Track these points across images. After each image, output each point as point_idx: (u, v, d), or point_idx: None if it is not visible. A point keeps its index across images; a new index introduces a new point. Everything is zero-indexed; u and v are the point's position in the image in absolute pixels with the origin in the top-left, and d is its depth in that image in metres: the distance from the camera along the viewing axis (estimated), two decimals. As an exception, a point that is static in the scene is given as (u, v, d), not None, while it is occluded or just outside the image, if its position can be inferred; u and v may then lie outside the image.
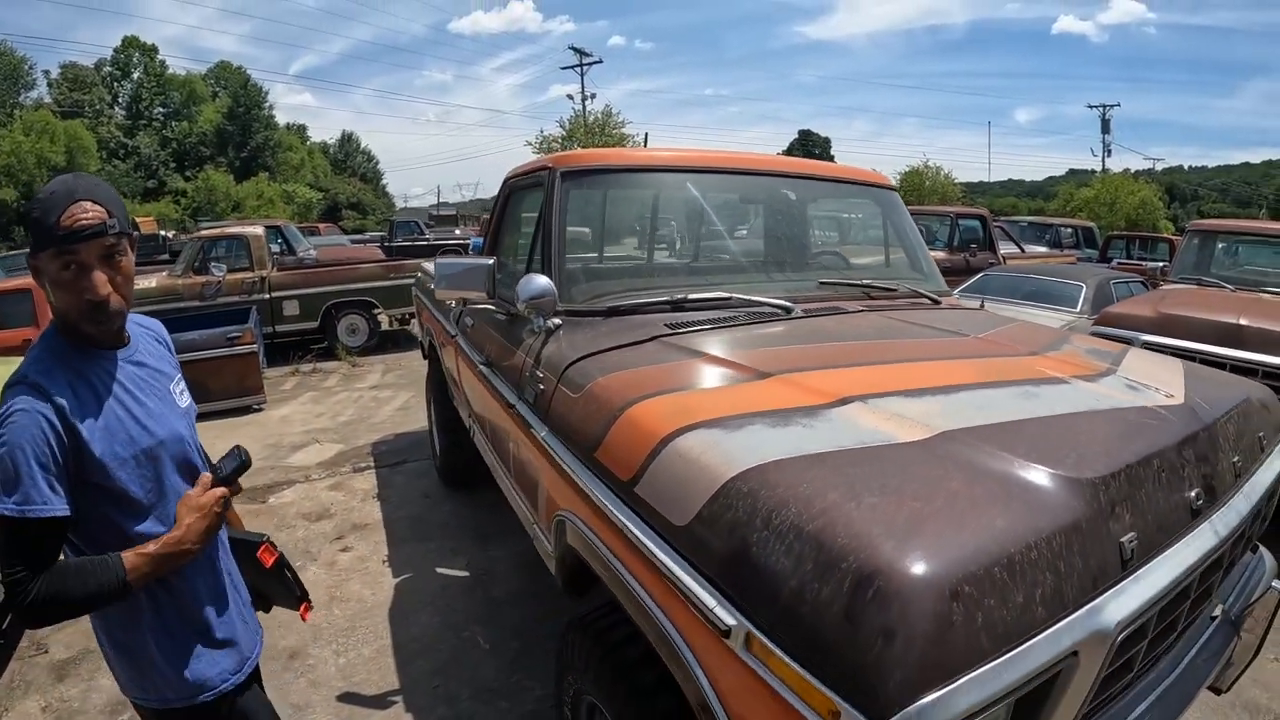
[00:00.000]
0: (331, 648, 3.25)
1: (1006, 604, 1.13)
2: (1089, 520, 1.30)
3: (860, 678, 1.04)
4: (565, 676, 2.05)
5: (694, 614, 1.34)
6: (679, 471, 1.49)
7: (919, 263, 3.34)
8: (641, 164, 2.96)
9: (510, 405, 2.49)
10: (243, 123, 52.12)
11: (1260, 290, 6.17)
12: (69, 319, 1.39)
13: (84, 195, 1.33)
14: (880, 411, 1.61)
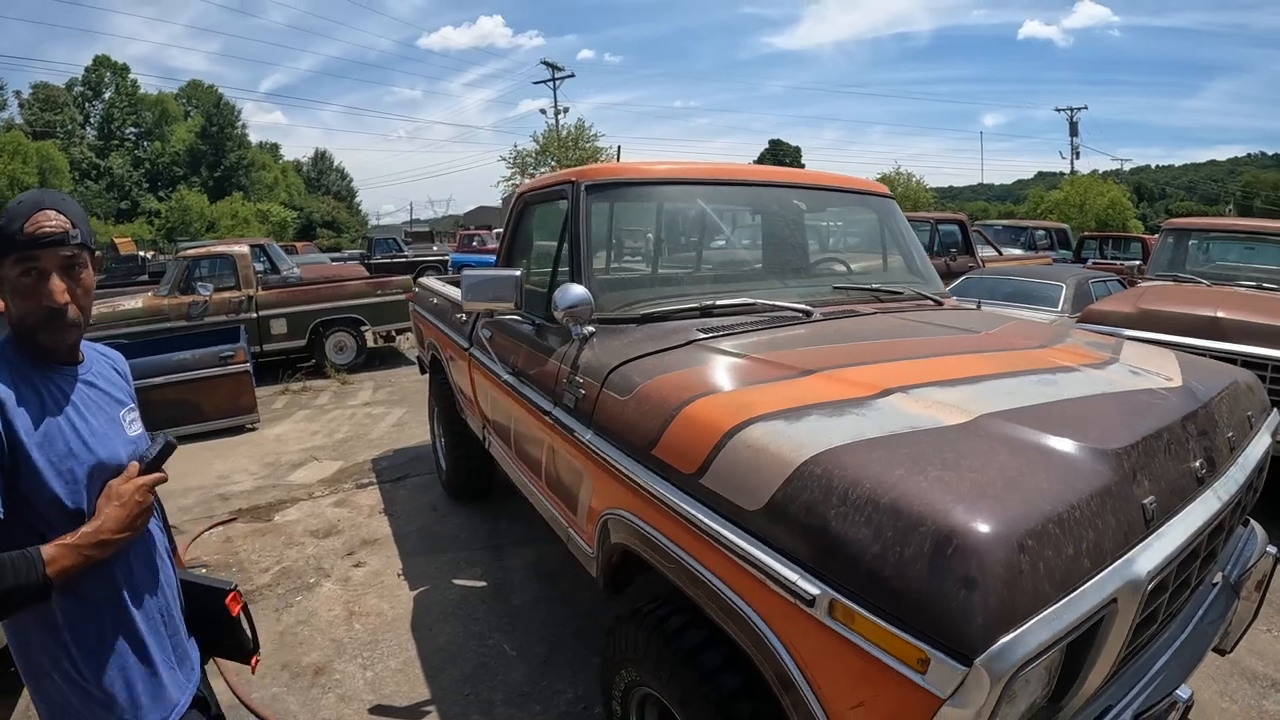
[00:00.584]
0: (357, 661, 3.32)
1: (1060, 555, 1.32)
2: (1117, 485, 1.50)
3: (947, 625, 1.21)
4: (616, 672, 2.18)
5: (770, 590, 1.50)
6: (747, 461, 1.64)
7: (918, 266, 3.53)
8: (662, 176, 3.13)
9: (545, 412, 2.63)
10: (216, 142, 52.80)
11: (1234, 284, 6.47)
12: (25, 327, 1.40)
13: (50, 206, 1.38)
14: (921, 400, 1.79)
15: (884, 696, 1.31)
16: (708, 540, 1.69)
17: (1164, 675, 1.78)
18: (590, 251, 2.75)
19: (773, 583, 1.48)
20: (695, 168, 3.12)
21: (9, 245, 1.35)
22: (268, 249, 10.75)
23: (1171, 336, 4.89)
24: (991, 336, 2.61)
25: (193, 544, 4.54)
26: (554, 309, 2.44)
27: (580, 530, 2.58)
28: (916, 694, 1.23)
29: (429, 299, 5.25)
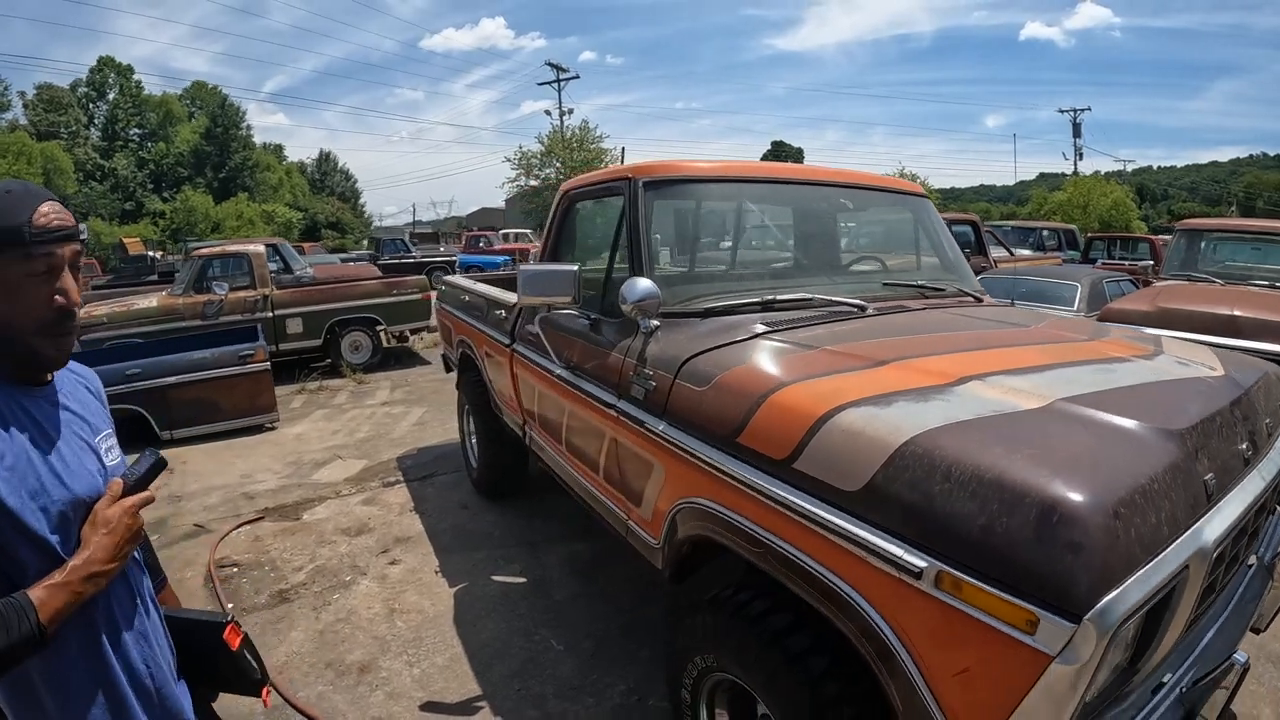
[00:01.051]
0: (402, 659, 3.40)
1: (1146, 523, 1.46)
2: (1183, 461, 1.65)
3: (1055, 587, 1.33)
4: (688, 660, 2.29)
5: (871, 567, 1.62)
6: (842, 445, 1.76)
7: (956, 264, 3.66)
8: (716, 174, 3.25)
9: (608, 405, 2.74)
10: (221, 143, 53.93)
11: (1246, 284, 6.63)
12: (17, 334, 1.25)
13: (46, 197, 1.27)
14: (997, 387, 1.92)
15: (991, 660, 1.43)
16: (802, 522, 1.80)
17: (1213, 647, 1.93)
18: (650, 247, 2.87)
19: (876, 559, 1.60)
20: (747, 166, 3.27)
21: (15, 239, 1.20)
22: (281, 249, 10.87)
23: (1190, 334, 5.04)
24: (1041, 330, 2.77)
25: (221, 543, 4.62)
26: (621, 302, 2.55)
27: (642, 522, 2.69)
28: (1024, 654, 1.35)
29: (459, 296, 5.37)
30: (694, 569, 2.58)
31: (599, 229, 3.81)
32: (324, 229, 53.76)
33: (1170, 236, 9.32)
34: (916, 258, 3.81)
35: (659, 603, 3.81)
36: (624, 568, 4.18)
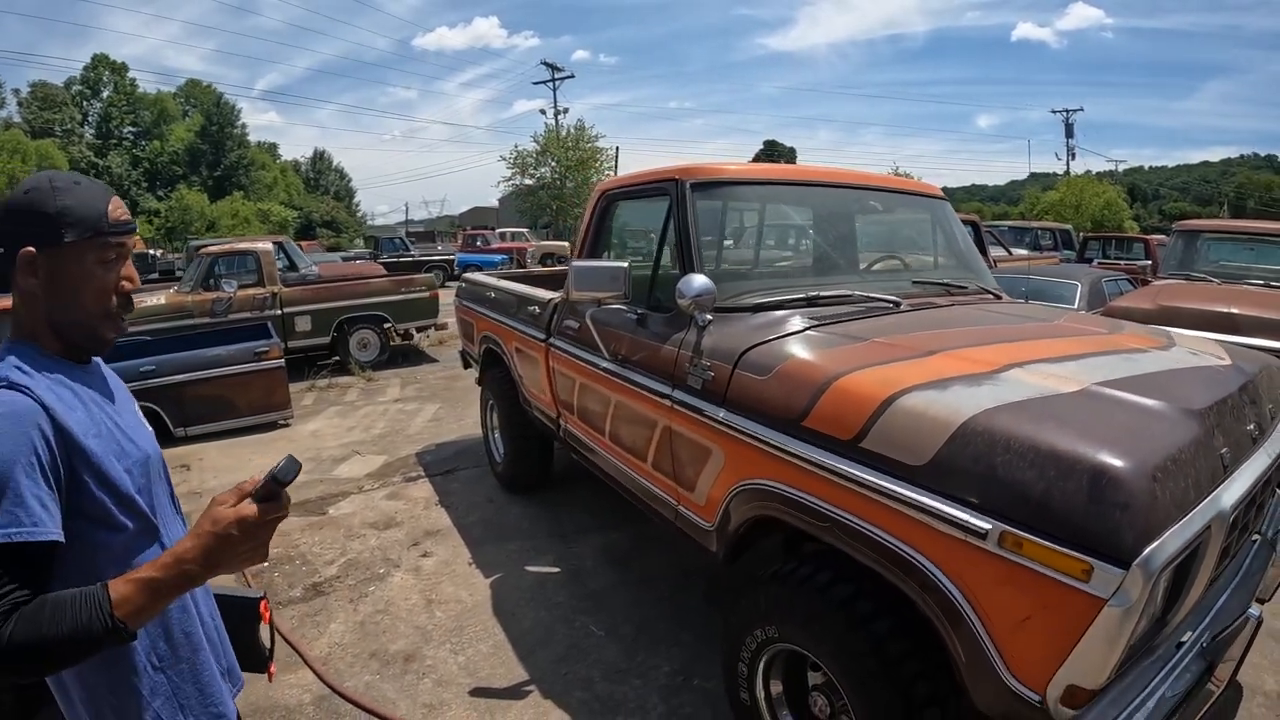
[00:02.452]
0: (446, 647, 3.61)
1: (1178, 486, 1.75)
2: (1204, 437, 1.95)
3: (1106, 540, 1.62)
4: (747, 633, 2.55)
5: (938, 532, 1.89)
6: (908, 424, 2.04)
7: (974, 263, 3.96)
8: (757, 177, 3.55)
9: (662, 395, 3.01)
10: (216, 141, 55.03)
11: (1242, 283, 6.97)
12: (85, 317, 1.36)
13: (112, 192, 1.39)
14: (1038, 374, 2.21)
15: (1050, 607, 1.70)
16: (870, 495, 2.07)
17: (1226, 610, 2.23)
18: (701, 245, 3.14)
19: (943, 524, 1.87)
20: (784, 169, 3.58)
21: (96, 229, 1.31)
22: (286, 247, 11.10)
23: (1191, 331, 5.35)
24: (1064, 325, 3.10)
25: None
26: (679, 297, 2.81)
27: (694, 506, 2.96)
28: (1080, 600, 1.63)
29: (484, 293, 5.61)
30: (745, 550, 2.84)
31: (639, 228, 4.08)
32: (319, 227, 54.92)
33: (1164, 236, 9.69)
34: (935, 256, 4.11)
35: (696, 589, 4.09)
36: (658, 556, 4.48)
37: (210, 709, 1.47)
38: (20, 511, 1.13)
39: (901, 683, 2.05)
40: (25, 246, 1.28)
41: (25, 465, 1.15)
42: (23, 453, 1.16)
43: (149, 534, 1.39)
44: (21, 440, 1.16)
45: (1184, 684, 1.94)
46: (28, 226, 1.28)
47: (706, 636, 3.60)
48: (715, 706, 3.07)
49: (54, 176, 1.33)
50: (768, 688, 2.60)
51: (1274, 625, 3.59)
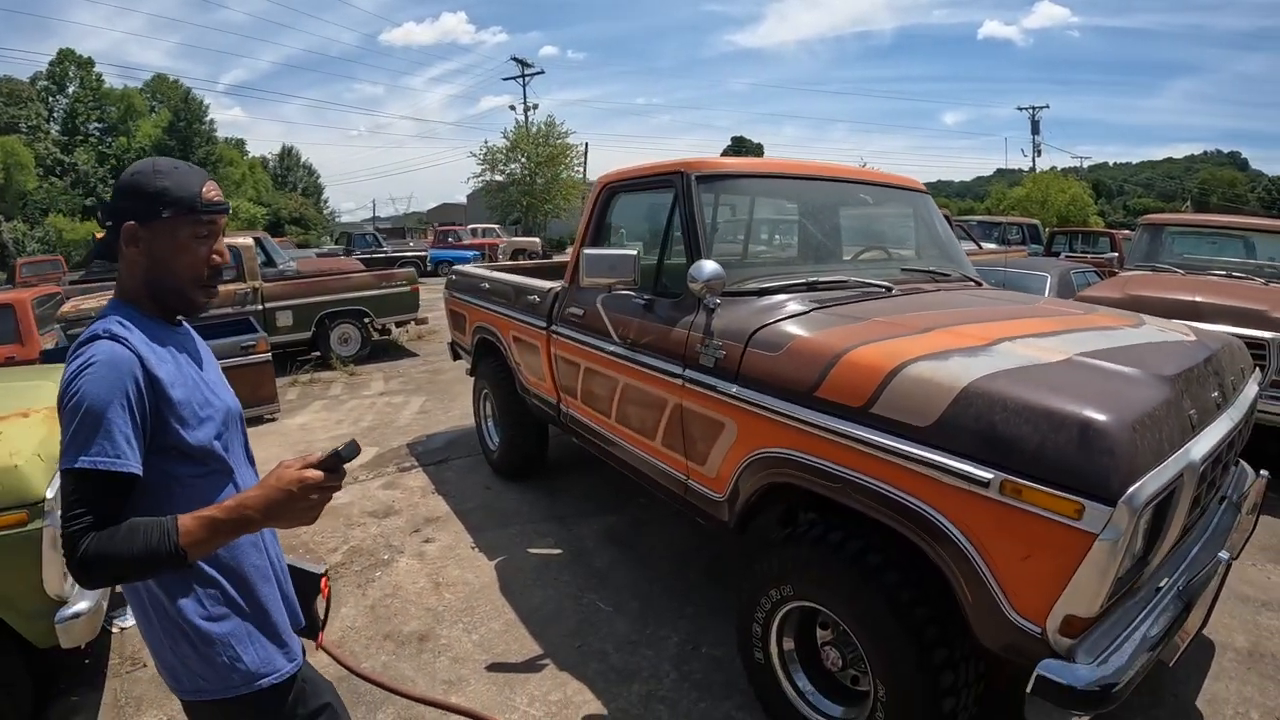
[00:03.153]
0: (459, 627, 3.78)
1: (1154, 437, 2.03)
2: (1174, 399, 2.24)
3: (1095, 482, 1.88)
4: (762, 594, 2.80)
5: (944, 485, 2.15)
6: (914, 390, 2.30)
7: (955, 253, 4.24)
8: (758, 170, 3.81)
9: (674, 375, 3.24)
10: (183, 137, 54.13)
11: (1205, 274, 7.33)
12: (179, 284, 1.55)
13: (208, 175, 1.58)
14: (1026, 346, 2.50)
15: (1048, 544, 1.96)
16: (881, 456, 2.32)
17: (1199, 560, 2.53)
18: (706, 233, 3.38)
19: (949, 476, 2.13)
20: (784, 164, 3.82)
21: (190, 208, 1.50)
22: (264, 242, 11.15)
23: (1157, 319, 5.68)
24: (1044, 306, 3.44)
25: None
26: (690, 282, 3.06)
27: (704, 479, 3.20)
28: (1074, 536, 1.89)
29: (478, 285, 5.79)
30: (753, 519, 3.09)
31: (642, 219, 4.30)
32: (287, 224, 54.61)
33: (1129, 231, 10.07)
34: (918, 246, 4.38)
35: (697, 565, 4.34)
36: (657, 536, 4.72)
37: (273, 634, 1.65)
38: (108, 445, 1.33)
39: (912, 627, 2.30)
40: (129, 221, 1.49)
41: (119, 405, 1.36)
42: (118, 395, 1.36)
43: (224, 474, 1.59)
44: (117, 384, 1.37)
45: (1164, 623, 2.21)
46: (132, 203, 1.49)
47: (709, 609, 3.84)
48: (725, 670, 3.31)
49: (157, 161, 1.54)
50: (781, 645, 2.85)
51: (1242, 590, 3.99)
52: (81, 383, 1.37)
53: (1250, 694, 3.15)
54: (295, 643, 1.73)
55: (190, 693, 1.57)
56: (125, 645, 3.65)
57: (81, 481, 1.32)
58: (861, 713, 2.55)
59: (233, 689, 1.56)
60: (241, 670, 1.56)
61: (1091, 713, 1.98)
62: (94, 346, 1.41)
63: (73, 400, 1.36)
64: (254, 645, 1.59)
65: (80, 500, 1.32)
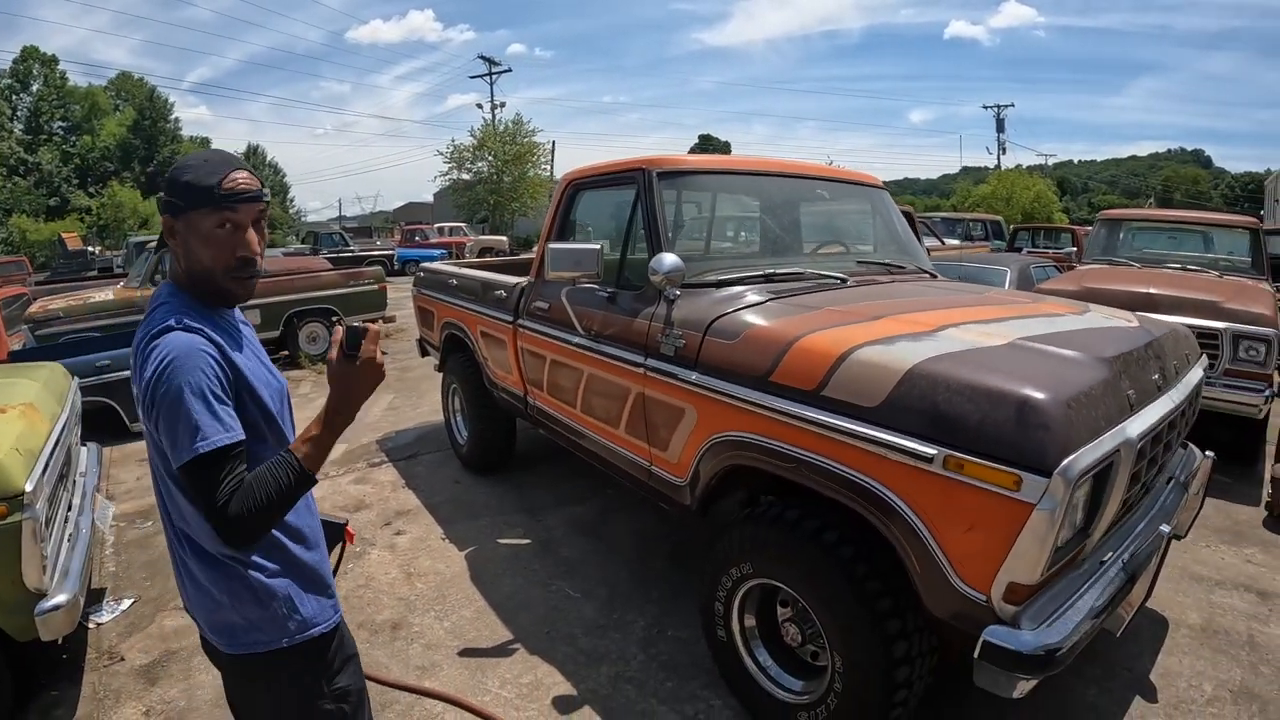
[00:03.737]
0: (430, 615, 3.85)
1: (1090, 414, 2.15)
2: (1112, 379, 2.37)
3: (1031, 455, 1.99)
4: (723, 572, 2.90)
5: (892, 461, 2.26)
6: (862, 373, 2.41)
7: (912, 247, 4.38)
8: (718, 167, 3.92)
9: (636, 364, 3.33)
10: (148, 136, 54.05)
11: (1162, 267, 7.53)
12: (210, 274, 1.59)
13: (238, 165, 1.59)
14: (970, 331, 2.63)
15: (990, 515, 2.07)
16: (832, 436, 2.43)
17: (1143, 535, 2.66)
18: (667, 228, 3.48)
19: (896, 453, 2.23)
20: (742, 160, 3.93)
21: (207, 198, 1.53)
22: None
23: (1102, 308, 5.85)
24: (993, 295, 3.56)
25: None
26: (651, 274, 3.15)
27: (667, 465, 3.30)
28: (1014, 507, 2.00)
29: (446, 281, 5.85)
30: (714, 502, 3.19)
31: (605, 215, 4.39)
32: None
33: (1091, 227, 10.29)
34: (875, 240, 4.52)
35: (663, 552, 4.44)
36: (623, 526, 4.82)
37: (322, 589, 1.76)
38: (216, 423, 1.43)
39: (866, 600, 2.40)
40: (166, 215, 1.58)
41: (208, 387, 1.46)
42: (205, 378, 1.46)
43: (283, 445, 1.64)
44: (203, 368, 1.47)
45: (1108, 593, 2.32)
46: (168, 198, 1.57)
47: (674, 594, 3.94)
48: (690, 651, 3.40)
49: (190, 156, 1.61)
50: (743, 623, 2.95)
51: (1194, 569, 4.17)
52: (169, 376, 1.44)
53: (1203, 668, 3.29)
54: (337, 594, 1.83)
55: (245, 646, 1.64)
56: (102, 640, 3.68)
57: (202, 467, 1.42)
58: (820, 686, 2.66)
59: (288, 636, 1.65)
60: (298, 620, 1.66)
61: (1037, 676, 2.09)
62: (168, 339, 1.48)
63: (167, 395, 1.43)
64: (310, 597, 1.70)
65: (209, 483, 1.42)
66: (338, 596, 1.83)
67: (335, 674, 1.76)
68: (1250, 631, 3.57)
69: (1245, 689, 3.14)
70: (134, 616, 3.89)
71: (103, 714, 3.14)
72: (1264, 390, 5.29)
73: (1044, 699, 3.04)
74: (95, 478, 4.24)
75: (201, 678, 3.32)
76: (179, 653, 3.53)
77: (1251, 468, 5.79)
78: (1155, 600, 3.74)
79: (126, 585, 4.24)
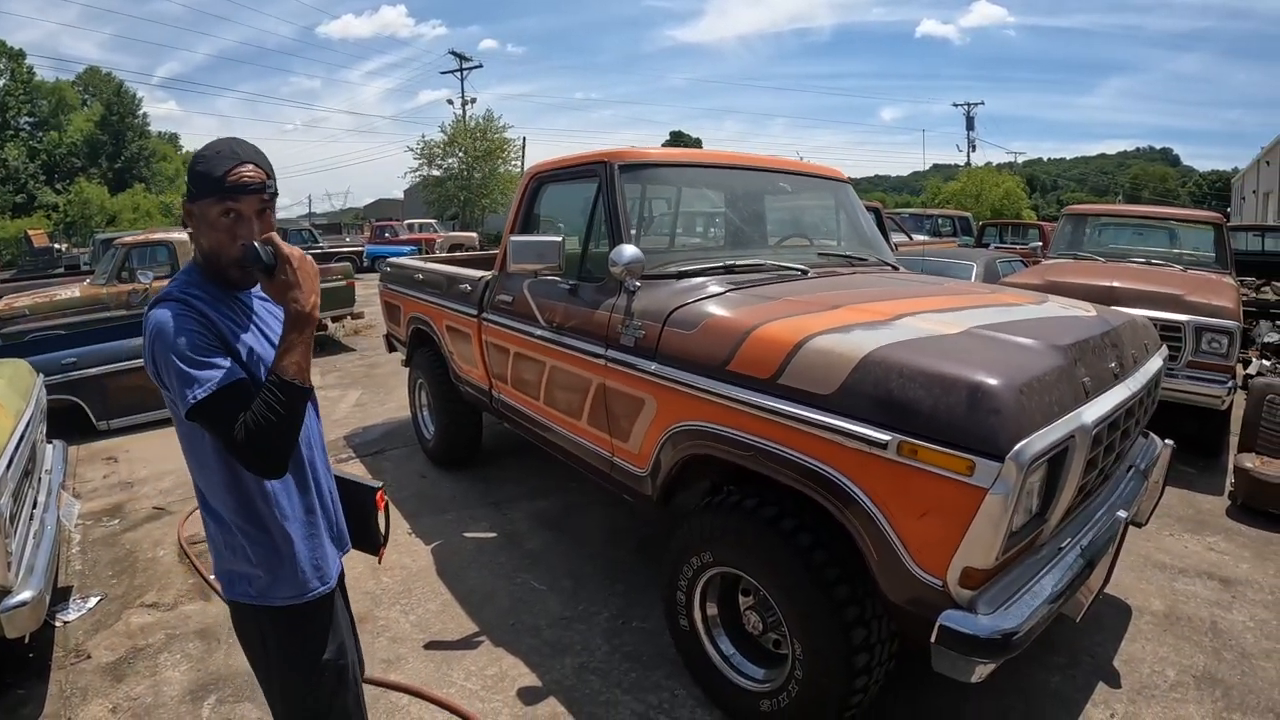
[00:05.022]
0: (397, 608, 3.82)
1: (1044, 400, 2.16)
2: (1067, 366, 2.38)
3: (984, 440, 1.99)
4: (684, 561, 2.89)
5: (846, 448, 2.25)
6: (817, 361, 2.40)
7: (875, 240, 4.40)
8: (679, 160, 3.92)
9: (596, 355, 3.32)
10: (115, 132, 52.91)
11: (1126, 261, 7.61)
12: (217, 260, 1.69)
13: (247, 158, 1.65)
14: (926, 320, 2.63)
15: (944, 500, 2.07)
16: (788, 423, 2.42)
17: (1101, 522, 2.68)
18: (628, 220, 3.47)
19: (851, 440, 2.23)
20: (704, 153, 3.93)
21: (214, 188, 1.62)
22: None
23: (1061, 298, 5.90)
24: (951, 286, 3.58)
25: (187, 521, 4.88)
26: (611, 266, 3.14)
27: (628, 455, 3.29)
28: (967, 491, 2.00)
29: (412, 276, 5.80)
30: (676, 492, 3.19)
31: (567, 208, 4.37)
32: None
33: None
34: (839, 234, 4.52)
35: (628, 545, 4.44)
36: (588, 518, 4.81)
37: (314, 559, 1.84)
38: (210, 368, 1.54)
39: (824, 586, 2.40)
40: (184, 201, 1.71)
41: (198, 340, 1.57)
42: (193, 334, 1.57)
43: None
44: (191, 326, 1.57)
45: (1066, 579, 2.33)
46: (188, 185, 1.68)
47: (638, 586, 3.93)
48: (654, 642, 3.39)
49: (207, 146, 1.69)
50: (704, 612, 2.94)
51: (1158, 557, 4.22)
52: (163, 336, 1.56)
53: (1166, 654, 3.32)
54: (333, 568, 1.91)
55: (234, 595, 1.79)
56: (69, 638, 3.62)
57: (206, 410, 1.53)
58: (782, 674, 2.65)
59: (263, 598, 1.77)
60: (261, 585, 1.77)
61: (995, 661, 2.09)
62: (158, 309, 1.61)
63: (161, 353, 1.57)
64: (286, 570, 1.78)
65: (219, 421, 1.54)
66: (333, 569, 1.91)
67: (310, 644, 1.85)
68: (1213, 618, 3.61)
69: (1208, 674, 3.18)
70: (100, 614, 3.83)
71: (70, 712, 3.09)
72: (1227, 382, 5.34)
73: (1008, 686, 3.06)
74: (61, 475, 4.19)
75: (168, 674, 3.30)
76: (145, 650, 3.49)
77: (1216, 458, 5.86)
78: (1119, 587, 3.81)
79: (93, 583, 4.17)
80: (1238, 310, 5.67)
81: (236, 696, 3.13)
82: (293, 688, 1.88)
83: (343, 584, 2.05)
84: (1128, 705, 2.99)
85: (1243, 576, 4.02)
